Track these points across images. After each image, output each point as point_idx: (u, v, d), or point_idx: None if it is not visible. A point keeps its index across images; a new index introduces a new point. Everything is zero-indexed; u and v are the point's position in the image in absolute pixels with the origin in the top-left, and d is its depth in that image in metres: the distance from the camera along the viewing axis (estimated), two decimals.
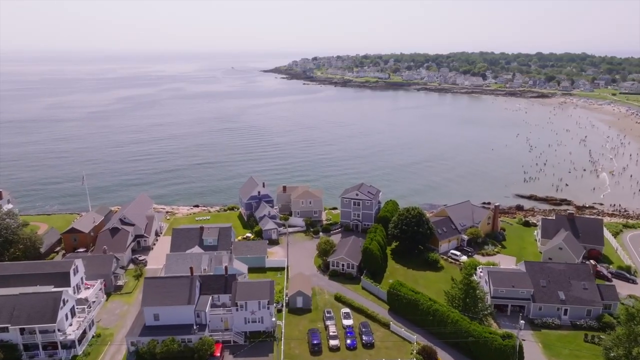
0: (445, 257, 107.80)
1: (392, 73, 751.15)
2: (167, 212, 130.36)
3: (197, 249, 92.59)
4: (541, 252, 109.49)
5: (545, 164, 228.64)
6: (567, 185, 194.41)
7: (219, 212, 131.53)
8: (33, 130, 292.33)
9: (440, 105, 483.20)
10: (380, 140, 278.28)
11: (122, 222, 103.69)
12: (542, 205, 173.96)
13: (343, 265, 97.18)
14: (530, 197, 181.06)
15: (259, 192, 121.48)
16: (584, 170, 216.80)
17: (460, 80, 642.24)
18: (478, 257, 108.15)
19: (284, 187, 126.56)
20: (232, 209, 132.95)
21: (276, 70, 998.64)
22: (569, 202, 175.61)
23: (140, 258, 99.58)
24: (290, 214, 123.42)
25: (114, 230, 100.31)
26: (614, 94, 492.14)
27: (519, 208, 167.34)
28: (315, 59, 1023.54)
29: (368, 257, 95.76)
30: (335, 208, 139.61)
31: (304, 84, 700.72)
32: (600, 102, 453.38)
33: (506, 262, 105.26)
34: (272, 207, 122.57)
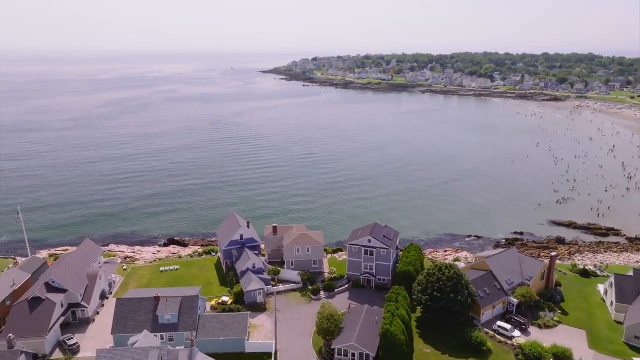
0: (490, 331, 79.61)
1: (395, 74, 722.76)
2: (126, 257, 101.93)
3: (146, 337, 64.46)
4: (620, 324, 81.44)
5: (575, 180, 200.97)
6: (609, 208, 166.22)
7: (192, 257, 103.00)
8: (1, 141, 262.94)
9: (448, 109, 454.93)
10: (390, 155, 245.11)
11: (50, 287, 75.65)
12: (585, 236, 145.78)
13: (354, 355, 69.08)
14: (569, 225, 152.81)
15: (241, 236, 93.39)
16: (627, 189, 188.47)
17: (467, 82, 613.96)
18: (534, 331, 80.00)
19: (275, 228, 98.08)
20: (209, 252, 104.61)
21: (275, 71, 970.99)
22: (617, 232, 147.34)
23: (70, 342, 71.38)
24: (283, 263, 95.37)
25: (35, 302, 72.11)
26: (632, 97, 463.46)
27: (560, 241, 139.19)
28: (315, 59, 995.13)
29: (389, 344, 67.67)
30: (340, 250, 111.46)
31: (303, 85, 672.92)
32: (620, 106, 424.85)
33: (575, 340, 77.12)
34: (258, 254, 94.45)
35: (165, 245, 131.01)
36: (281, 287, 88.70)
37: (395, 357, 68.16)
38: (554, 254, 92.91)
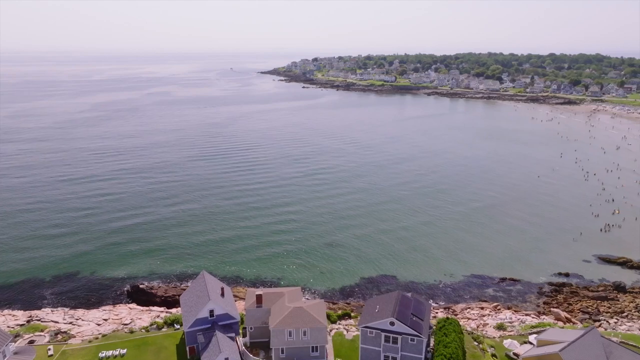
0: None
1: (398, 75, 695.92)
2: (57, 332, 74.66)
3: None
4: None
5: (613, 200, 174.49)
6: None
7: (147, 331, 75.98)
8: None
9: (458, 113, 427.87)
10: (404, 170, 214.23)
11: None
12: None
13: None
14: (623, 263, 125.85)
15: (211, 312, 66.61)
16: None
17: (475, 83, 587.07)
18: None
19: (259, 298, 70.85)
20: (172, 323, 77.62)
21: (274, 72, 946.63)
22: None
23: None
24: (268, 348, 68.46)
25: None
26: None
27: (619, 288, 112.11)
28: (315, 59, 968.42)
29: None
30: (347, 314, 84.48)
31: (303, 87, 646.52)
32: None
33: None
34: (235, 336, 67.76)
35: (129, 294, 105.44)
36: None
37: None
38: None
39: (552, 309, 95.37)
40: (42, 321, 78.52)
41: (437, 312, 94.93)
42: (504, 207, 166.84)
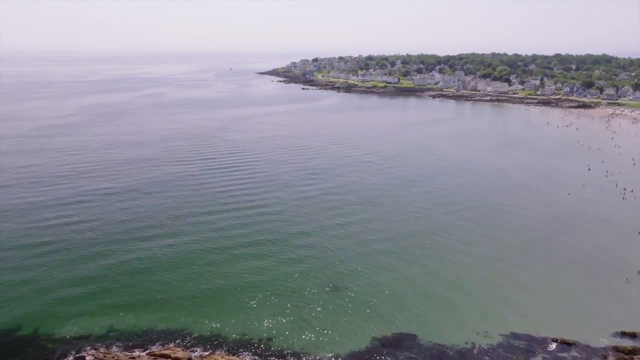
0: None
1: (401, 77, 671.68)
2: None
3: None
4: None
5: None
6: None
7: None
8: None
9: (467, 117, 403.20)
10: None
11: None
12: None
13: None
14: None
15: None
16: None
17: (482, 85, 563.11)
18: None
19: None
20: None
21: (273, 72, 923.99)
22: None
23: None
24: None
25: None
26: None
27: None
28: (315, 60, 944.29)
29: None
30: None
31: (302, 88, 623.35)
32: None
33: None
34: None
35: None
36: None
37: None
38: None
39: None
40: None
41: None
42: (546, 234, 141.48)
